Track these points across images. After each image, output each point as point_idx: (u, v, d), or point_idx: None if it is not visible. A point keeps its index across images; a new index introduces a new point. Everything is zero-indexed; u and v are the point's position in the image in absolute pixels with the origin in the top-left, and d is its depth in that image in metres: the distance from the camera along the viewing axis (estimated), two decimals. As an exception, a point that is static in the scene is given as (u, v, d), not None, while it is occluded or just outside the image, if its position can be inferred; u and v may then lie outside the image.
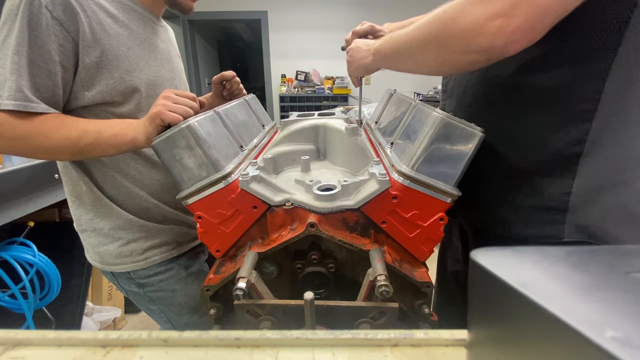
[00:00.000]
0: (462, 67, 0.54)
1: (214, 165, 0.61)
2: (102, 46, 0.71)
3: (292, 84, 4.91)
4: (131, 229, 0.83)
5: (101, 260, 0.85)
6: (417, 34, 0.56)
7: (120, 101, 0.76)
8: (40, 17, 0.64)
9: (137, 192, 0.83)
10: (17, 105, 0.64)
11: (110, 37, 0.72)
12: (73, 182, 0.82)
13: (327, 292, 0.63)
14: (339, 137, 0.83)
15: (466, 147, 0.56)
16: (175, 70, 0.90)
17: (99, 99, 0.73)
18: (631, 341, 0.17)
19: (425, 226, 0.59)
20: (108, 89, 0.73)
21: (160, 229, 0.86)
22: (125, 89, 0.75)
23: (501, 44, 0.46)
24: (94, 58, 0.70)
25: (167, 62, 0.87)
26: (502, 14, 0.44)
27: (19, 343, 0.39)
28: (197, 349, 0.38)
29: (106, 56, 0.71)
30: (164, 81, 0.84)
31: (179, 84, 0.92)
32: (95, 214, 0.82)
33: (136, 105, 0.78)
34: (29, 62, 0.64)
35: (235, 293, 0.51)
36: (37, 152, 0.70)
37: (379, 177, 0.57)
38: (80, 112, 0.74)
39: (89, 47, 0.69)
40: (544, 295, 0.22)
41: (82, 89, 0.72)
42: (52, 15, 0.65)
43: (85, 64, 0.70)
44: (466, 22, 0.47)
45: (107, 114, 0.75)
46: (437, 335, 0.39)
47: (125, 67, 0.74)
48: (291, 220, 0.61)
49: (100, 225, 0.83)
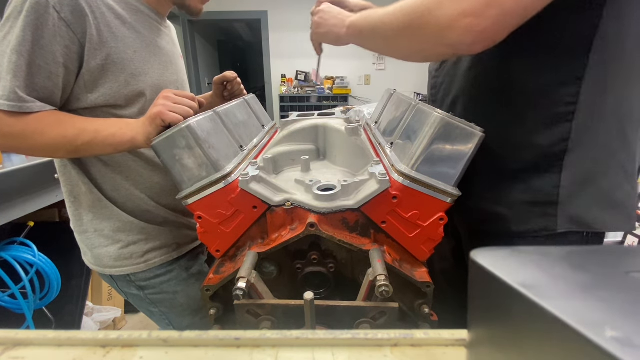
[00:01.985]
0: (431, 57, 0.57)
1: (213, 165, 0.61)
2: (108, 49, 0.70)
3: (292, 84, 4.92)
4: (131, 231, 0.83)
5: (100, 263, 0.84)
6: (394, 19, 0.56)
7: (124, 105, 0.75)
8: (47, 18, 0.63)
9: (138, 194, 0.82)
10: (11, 106, 0.63)
11: (118, 39, 0.71)
12: (72, 183, 0.81)
13: (327, 292, 0.63)
14: (338, 137, 0.83)
15: (466, 147, 0.56)
16: (178, 72, 0.90)
17: (102, 101, 0.72)
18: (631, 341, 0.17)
19: (425, 226, 0.59)
20: (112, 92, 0.72)
21: (160, 231, 0.86)
22: (129, 93, 0.74)
23: (469, 41, 0.48)
24: (100, 61, 0.69)
25: (171, 65, 0.86)
26: (473, 14, 0.46)
27: (19, 343, 0.39)
28: (197, 349, 0.38)
29: (112, 59, 0.71)
30: (169, 84, 0.83)
31: (182, 86, 0.91)
32: (95, 215, 0.82)
33: (139, 109, 0.77)
34: (29, 62, 0.63)
35: (235, 293, 0.51)
36: (34, 150, 0.70)
37: (379, 177, 0.57)
38: (81, 114, 0.73)
39: (95, 49, 0.68)
40: (544, 295, 0.22)
41: (84, 90, 0.71)
42: (60, 16, 0.64)
43: (90, 67, 0.69)
44: (441, 15, 0.49)
45: (108, 116, 0.75)
46: (437, 335, 0.39)
47: (130, 71, 0.74)
48: (291, 220, 0.61)
49: (101, 227, 0.82)
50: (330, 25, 0.71)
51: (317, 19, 0.74)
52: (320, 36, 0.75)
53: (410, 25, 0.54)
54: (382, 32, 0.60)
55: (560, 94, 0.57)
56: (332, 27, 0.71)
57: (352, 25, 0.68)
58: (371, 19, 0.63)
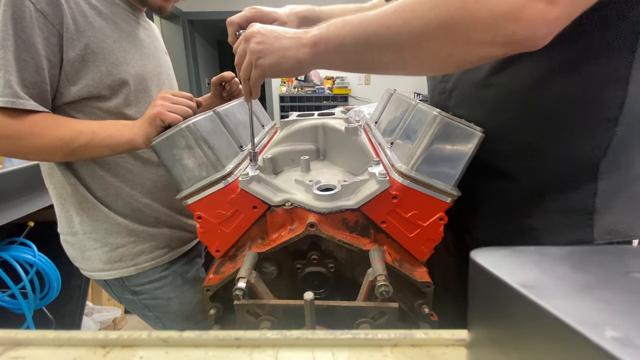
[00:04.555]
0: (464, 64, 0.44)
1: (213, 165, 0.61)
2: (86, 38, 0.69)
3: (292, 84, 4.91)
4: (119, 233, 0.81)
5: (91, 267, 0.83)
6: (412, 17, 0.43)
7: (108, 95, 0.74)
8: (24, 10, 0.62)
9: (128, 191, 0.81)
10: (5, 102, 0.62)
11: (95, 29, 0.71)
12: (60, 185, 0.79)
13: (327, 292, 0.63)
14: (338, 137, 0.83)
15: (466, 147, 0.56)
16: (162, 65, 0.89)
17: (85, 93, 0.71)
18: (631, 341, 0.17)
19: (425, 226, 0.59)
20: (94, 82, 0.71)
21: (151, 233, 0.84)
22: (112, 82, 0.73)
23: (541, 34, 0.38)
24: (79, 51, 0.69)
25: (154, 57, 0.85)
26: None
27: (19, 343, 0.39)
28: (197, 349, 0.38)
29: (91, 49, 0.70)
30: (152, 76, 0.83)
31: (167, 79, 0.90)
32: (82, 218, 0.80)
33: (124, 100, 0.76)
34: (16, 57, 0.63)
35: (235, 293, 0.51)
36: (29, 153, 0.69)
37: (379, 177, 0.57)
38: (66, 109, 0.72)
39: (73, 39, 0.68)
40: (544, 295, 0.22)
41: (67, 83, 0.70)
42: (36, 8, 0.63)
43: (70, 58, 0.68)
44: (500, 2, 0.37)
45: (93, 110, 0.73)
46: (437, 335, 0.39)
47: (111, 60, 0.73)
48: (291, 220, 0.61)
49: (90, 229, 0.81)
50: (283, 48, 0.52)
51: (255, 45, 0.54)
52: (265, 69, 0.54)
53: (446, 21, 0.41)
54: (386, 41, 0.46)
55: (605, 96, 0.50)
56: (284, 51, 0.52)
57: (321, 40, 0.50)
58: (360, 26, 0.47)
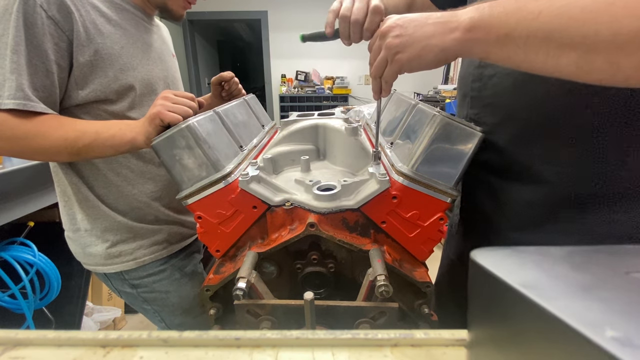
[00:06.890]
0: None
1: (213, 165, 0.61)
2: (95, 45, 0.71)
3: (292, 84, 4.91)
4: (119, 230, 0.83)
5: (92, 261, 0.85)
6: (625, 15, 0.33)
7: (114, 99, 0.76)
8: (35, 17, 0.64)
9: (129, 190, 0.83)
10: (17, 104, 0.64)
11: (104, 36, 0.73)
12: (63, 183, 0.82)
13: (327, 292, 0.63)
14: (338, 137, 0.83)
15: (466, 147, 0.56)
16: (168, 69, 0.90)
17: (93, 97, 0.73)
18: (631, 341, 0.17)
19: (425, 226, 0.59)
20: (102, 87, 0.73)
21: (150, 230, 0.86)
22: (119, 87, 0.75)
23: None
24: (88, 57, 0.71)
25: (160, 61, 0.87)
26: None
27: (19, 343, 0.39)
28: (197, 349, 0.38)
29: (100, 55, 0.72)
30: (158, 80, 0.85)
31: (173, 83, 0.92)
32: (83, 215, 0.83)
33: (130, 103, 0.78)
34: (27, 61, 0.65)
35: (235, 293, 0.51)
36: (35, 153, 0.70)
37: (379, 177, 0.57)
38: (73, 111, 0.74)
39: (83, 46, 0.70)
40: (544, 295, 0.22)
41: (75, 87, 0.72)
42: (47, 15, 0.65)
43: (80, 63, 0.70)
44: None
45: (99, 112, 0.76)
46: (437, 335, 0.39)
47: (119, 66, 0.75)
48: (291, 220, 0.61)
49: (91, 226, 0.83)
50: (425, 37, 0.48)
51: (392, 39, 0.50)
52: (403, 64, 0.50)
53: None
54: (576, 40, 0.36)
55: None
56: (427, 41, 0.48)
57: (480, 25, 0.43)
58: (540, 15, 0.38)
